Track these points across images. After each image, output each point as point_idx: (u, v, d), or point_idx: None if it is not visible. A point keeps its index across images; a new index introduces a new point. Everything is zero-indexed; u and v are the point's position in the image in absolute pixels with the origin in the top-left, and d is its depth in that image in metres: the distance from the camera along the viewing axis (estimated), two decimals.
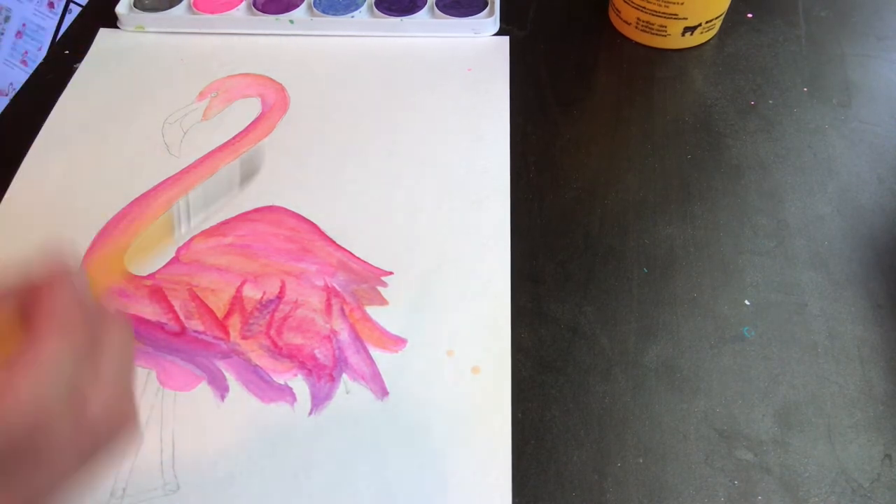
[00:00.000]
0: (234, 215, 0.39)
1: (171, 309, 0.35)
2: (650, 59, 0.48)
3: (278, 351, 0.34)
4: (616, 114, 0.45)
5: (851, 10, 0.51)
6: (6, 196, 0.41)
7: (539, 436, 0.31)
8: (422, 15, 0.50)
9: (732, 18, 0.50)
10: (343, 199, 0.40)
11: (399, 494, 0.30)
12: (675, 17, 0.46)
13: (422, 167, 0.41)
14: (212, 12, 0.50)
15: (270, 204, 0.40)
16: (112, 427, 0.21)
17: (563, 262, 0.37)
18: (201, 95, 0.46)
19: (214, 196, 0.29)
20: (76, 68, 0.48)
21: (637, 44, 0.49)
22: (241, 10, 0.50)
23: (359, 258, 0.37)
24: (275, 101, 0.45)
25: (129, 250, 0.26)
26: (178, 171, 0.41)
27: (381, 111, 0.45)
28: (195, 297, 0.36)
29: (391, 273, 0.37)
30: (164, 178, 0.41)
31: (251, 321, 0.35)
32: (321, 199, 0.40)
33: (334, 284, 0.36)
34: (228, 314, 0.35)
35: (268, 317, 0.35)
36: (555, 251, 0.38)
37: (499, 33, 0.50)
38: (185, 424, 0.32)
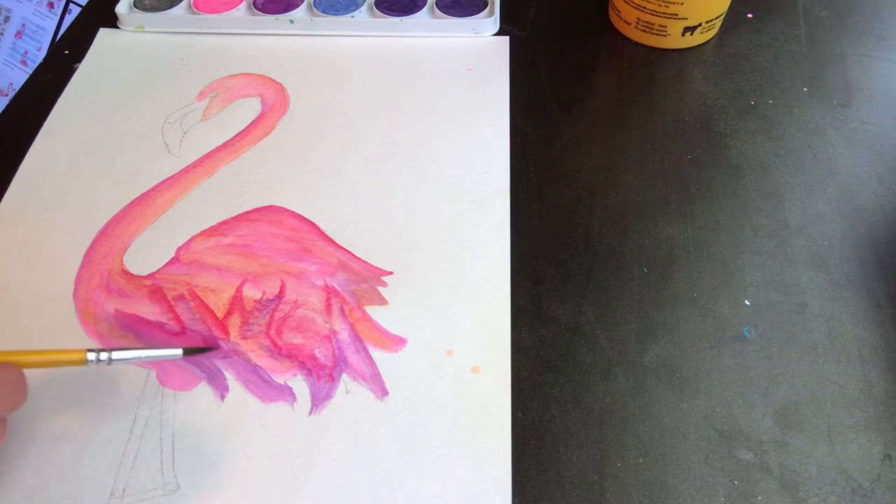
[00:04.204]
0: (234, 215, 0.39)
1: (170, 309, 0.35)
2: (650, 59, 0.48)
3: (278, 351, 0.34)
4: (616, 114, 0.45)
5: (851, 10, 0.51)
6: (6, 196, 0.41)
7: (539, 436, 0.31)
8: (422, 15, 0.50)
9: (732, 18, 0.51)
10: (343, 199, 0.40)
11: (399, 494, 0.30)
12: (675, 17, 0.46)
13: (422, 167, 0.41)
14: (212, 12, 0.50)
15: (270, 204, 0.40)
16: None
17: (563, 262, 0.37)
18: (201, 95, 0.46)
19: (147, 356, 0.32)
20: (76, 68, 0.48)
21: (637, 44, 0.49)
22: (241, 10, 0.50)
23: (359, 258, 0.37)
24: (275, 101, 0.45)
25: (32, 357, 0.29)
26: (177, 171, 0.41)
27: (381, 111, 0.45)
28: (195, 296, 0.36)
29: (391, 273, 0.37)
30: (164, 177, 0.41)
31: (251, 321, 0.35)
32: (321, 199, 0.40)
33: (334, 284, 0.36)
34: (228, 314, 0.35)
35: (268, 316, 0.35)
36: (555, 251, 0.38)
37: (499, 33, 0.50)
38: (185, 424, 0.32)
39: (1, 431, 0.27)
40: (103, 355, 0.29)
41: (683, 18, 0.46)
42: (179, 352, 0.32)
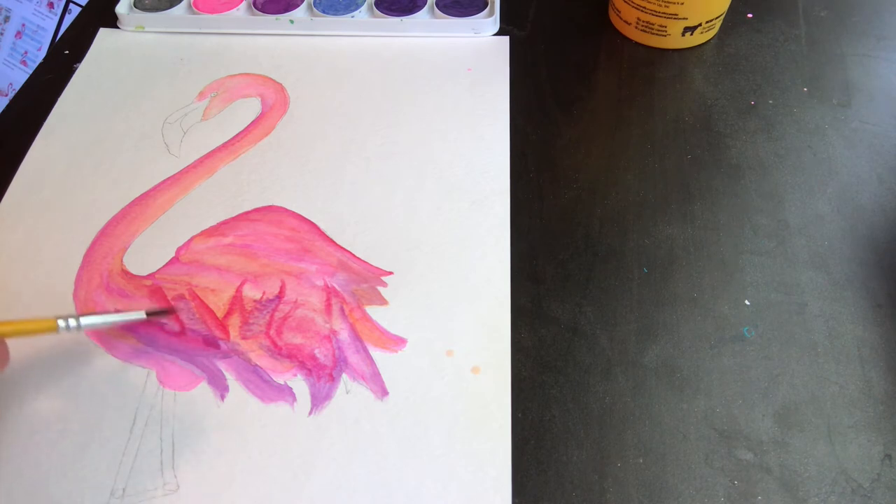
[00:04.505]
0: (234, 215, 0.39)
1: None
2: (650, 59, 0.48)
3: (278, 351, 0.34)
4: (616, 114, 0.45)
5: (851, 10, 0.51)
6: (6, 196, 0.41)
7: (539, 436, 0.31)
8: (422, 15, 0.50)
9: (732, 18, 0.51)
10: (343, 199, 0.40)
11: (399, 494, 0.30)
12: (675, 17, 0.46)
13: (422, 167, 0.41)
14: (212, 12, 0.50)
15: (270, 204, 0.40)
16: None
17: (563, 262, 0.37)
18: (201, 95, 0.46)
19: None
20: (76, 68, 0.48)
21: (637, 44, 0.49)
22: (241, 10, 0.50)
23: (359, 258, 0.37)
24: (275, 101, 0.45)
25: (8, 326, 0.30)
26: (177, 171, 0.41)
27: (381, 111, 0.45)
28: (195, 296, 0.36)
29: (391, 273, 0.37)
30: (164, 178, 0.41)
31: (251, 321, 0.35)
32: (321, 199, 0.40)
33: (334, 284, 0.36)
34: (228, 314, 0.35)
35: (268, 316, 0.35)
36: (555, 251, 0.38)
37: (499, 33, 0.50)
38: (185, 424, 0.32)
39: None
40: (72, 322, 0.31)
41: (683, 18, 0.46)
42: (142, 314, 0.34)
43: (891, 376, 0.33)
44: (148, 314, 0.34)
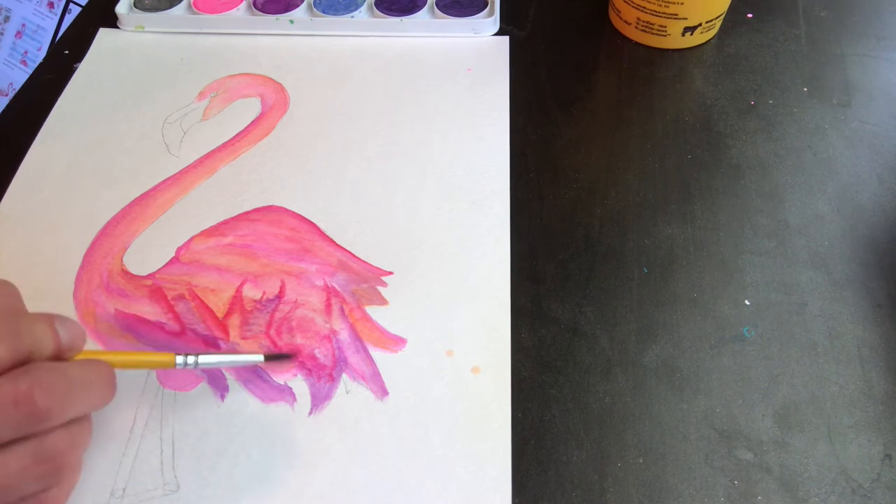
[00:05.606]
0: (233, 215, 0.39)
1: (170, 309, 0.35)
2: (650, 59, 0.48)
3: (278, 351, 0.34)
4: (616, 114, 0.45)
5: (851, 10, 0.51)
6: (6, 196, 0.41)
7: (539, 436, 0.31)
8: (422, 15, 0.50)
9: (732, 18, 0.51)
10: (343, 199, 0.40)
11: (399, 494, 0.30)
12: (675, 17, 0.46)
13: (422, 167, 0.41)
14: (212, 12, 0.50)
15: (270, 204, 0.40)
16: None
17: (563, 262, 0.37)
18: (201, 95, 0.46)
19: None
20: (76, 68, 0.48)
21: (637, 44, 0.49)
22: (241, 10, 0.50)
23: (359, 258, 0.37)
24: (275, 101, 0.45)
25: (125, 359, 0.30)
26: (177, 171, 0.41)
27: (381, 111, 0.45)
28: (195, 296, 0.36)
29: (391, 273, 0.37)
30: (164, 177, 0.41)
31: (251, 321, 0.35)
32: (321, 199, 0.40)
33: (334, 284, 0.36)
34: (228, 314, 0.35)
35: (267, 316, 0.35)
36: (555, 251, 0.38)
37: (499, 33, 0.50)
38: (185, 424, 0.32)
39: (87, 429, 0.27)
40: (190, 359, 0.30)
41: (683, 18, 0.46)
42: (261, 357, 0.32)
43: (891, 376, 0.33)
44: (266, 358, 0.32)
